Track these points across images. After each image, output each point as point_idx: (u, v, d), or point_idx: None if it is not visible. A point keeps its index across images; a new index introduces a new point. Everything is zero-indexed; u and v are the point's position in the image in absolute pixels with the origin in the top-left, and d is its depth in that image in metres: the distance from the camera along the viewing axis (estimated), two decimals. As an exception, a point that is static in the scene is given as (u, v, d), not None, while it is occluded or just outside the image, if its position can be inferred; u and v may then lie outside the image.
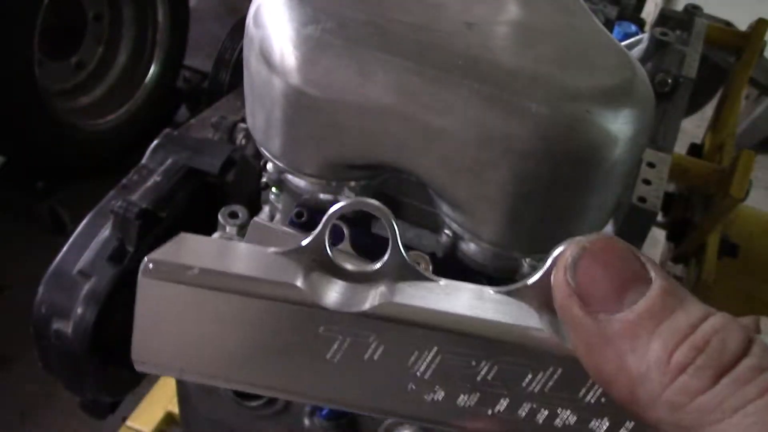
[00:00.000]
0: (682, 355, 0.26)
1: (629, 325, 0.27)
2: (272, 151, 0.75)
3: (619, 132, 0.63)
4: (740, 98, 1.43)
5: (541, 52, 0.65)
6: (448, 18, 0.67)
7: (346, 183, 0.76)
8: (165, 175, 0.99)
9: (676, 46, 1.15)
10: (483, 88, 0.63)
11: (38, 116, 2.11)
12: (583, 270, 0.29)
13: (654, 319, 0.27)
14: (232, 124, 1.12)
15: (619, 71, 0.66)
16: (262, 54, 0.69)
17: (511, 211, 0.67)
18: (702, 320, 0.27)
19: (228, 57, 2.17)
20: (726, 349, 0.26)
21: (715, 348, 0.26)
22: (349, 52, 0.65)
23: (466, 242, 0.75)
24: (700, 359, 0.26)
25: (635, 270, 0.28)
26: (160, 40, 2.51)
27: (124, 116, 2.45)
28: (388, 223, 0.32)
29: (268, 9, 0.69)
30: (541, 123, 0.62)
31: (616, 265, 0.28)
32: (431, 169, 0.69)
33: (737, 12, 1.70)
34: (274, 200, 0.90)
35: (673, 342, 0.26)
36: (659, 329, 0.27)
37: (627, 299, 0.28)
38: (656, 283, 0.28)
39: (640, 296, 0.27)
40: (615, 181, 0.68)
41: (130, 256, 0.91)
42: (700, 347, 0.26)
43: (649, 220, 0.86)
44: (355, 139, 0.69)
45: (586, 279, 0.28)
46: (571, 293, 0.28)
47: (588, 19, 0.71)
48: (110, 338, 0.90)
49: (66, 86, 2.36)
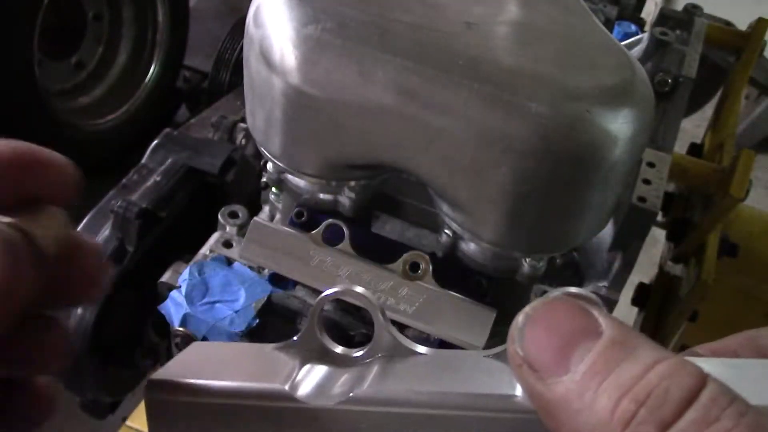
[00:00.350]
0: (623, 409, 0.25)
1: (575, 385, 0.26)
2: (272, 151, 0.75)
3: (619, 132, 0.63)
4: (740, 98, 1.43)
5: (541, 52, 0.65)
6: (448, 18, 0.67)
7: (346, 183, 0.76)
8: (165, 175, 0.99)
9: (676, 46, 1.15)
10: (483, 88, 0.63)
11: (38, 116, 2.11)
12: (528, 337, 0.29)
13: (599, 374, 0.26)
14: (232, 124, 1.12)
15: (619, 71, 0.66)
16: (262, 54, 0.69)
17: (511, 210, 0.67)
18: (649, 369, 0.26)
19: (228, 57, 2.17)
20: (669, 400, 0.25)
21: (657, 399, 0.25)
22: (349, 52, 0.65)
23: (466, 242, 0.75)
24: (642, 413, 0.25)
25: (582, 326, 0.28)
26: (160, 40, 2.51)
27: (124, 116, 2.45)
28: (373, 311, 0.33)
29: (268, 9, 0.69)
30: (541, 123, 0.62)
31: (559, 326, 0.28)
32: (431, 168, 0.69)
33: (737, 12, 1.70)
34: (274, 200, 0.90)
35: (617, 396, 0.25)
36: (603, 385, 0.26)
37: (574, 358, 0.27)
38: (605, 335, 0.27)
39: (587, 353, 0.27)
40: (615, 180, 0.68)
41: (130, 256, 0.91)
42: (641, 399, 0.25)
43: (649, 220, 0.87)
44: (355, 138, 0.69)
45: (532, 345, 0.28)
46: (521, 362, 0.28)
47: (588, 19, 0.71)
48: (110, 338, 0.90)
49: (66, 86, 2.35)
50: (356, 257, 0.75)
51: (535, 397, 0.28)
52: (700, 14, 1.33)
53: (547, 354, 0.28)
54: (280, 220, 0.88)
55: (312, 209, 0.79)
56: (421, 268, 0.74)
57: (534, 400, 0.28)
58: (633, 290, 1.35)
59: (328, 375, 0.34)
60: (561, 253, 0.76)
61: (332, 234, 0.76)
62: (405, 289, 0.73)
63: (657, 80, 1.07)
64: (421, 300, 0.73)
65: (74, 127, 2.29)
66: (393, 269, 0.74)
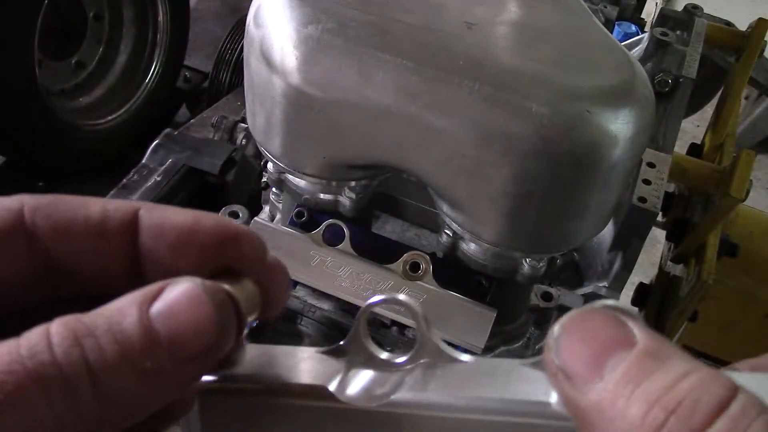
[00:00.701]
0: (654, 417, 0.25)
1: (608, 394, 0.27)
2: (272, 151, 0.75)
3: (618, 132, 0.64)
4: (740, 98, 1.43)
5: (541, 53, 0.65)
6: (449, 18, 0.67)
7: (346, 183, 0.76)
8: (165, 175, 0.99)
9: (676, 46, 1.15)
10: (483, 88, 0.63)
11: (38, 116, 2.11)
12: (563, 346, 0.29)
13: (631, 383, 0.27)
14: (232, 124, 1.12)
15: (619, 71, 0.66)
16: (262, 54, 0.69)
17: (511, 210, 0.67)
18: (681, 379, 0.26)
19: (228, 57, 2.17)
20: (698, 410, 0.25)
21: (687, 408, 0.25)
22: (350, 52, 0.65)
23: (466, 242, 0.75)
24: (671, 421, 0.25)
25: (617, 336, 0.28)
26: (160, 40, 2.51)
27: (124, 116, 2.45)
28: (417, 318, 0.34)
29: (268, 9, 0.69)
30: (541, 123, 0.62)
31: (594, 335, 0.29)
32: (431, 169, 0.69)
33: (737, 12, 1.70)
34: (274, 200, 0.90)
35: (647, 404, 0.26)
36: (635, 393, 0.26)
37: (608, 367, 0.28)
38: (639, 345, 0.28)
39: (621, 362, 0.27)
40: (615, 180, 0.68)
41: (130, 256, 0.90)
42: (671, 408, 0.25)
43: (649, 220, 0.87)
44: (356, 139, 0.69)
45: (567, 354, 0.29)
46: (556, 371, 0.29)
47: (588, 19, 0.71)
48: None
49: (66, 86, 2.35)
50: (356, 257, 0.75)
51: (570, 404, 0.29)
52: (700, 14, 1.33)
53: (581, 362, 0.28)
54: (281, 220, 0.88)
55: (312, 209, 0.79)
56: (421, 268, 0.74)
57: (568, 407, 0.29)
58: (633, 290, 1.35)
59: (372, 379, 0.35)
60: (561, 253, 0.77)
61: (332, 234, 0.76)
62: (405, 289, 0.74)
63: (657, 80, 1.07)
64: (421, 300, 0.73)
65: (74, 127, 2.29)
66: (393, 269, 0.74)
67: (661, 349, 0.28)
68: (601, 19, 1.32)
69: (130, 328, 0.26)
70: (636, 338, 0.28)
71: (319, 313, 0.81)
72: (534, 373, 0.33)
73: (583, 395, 0.28)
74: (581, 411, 0.28)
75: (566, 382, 0.29)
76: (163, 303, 0.27)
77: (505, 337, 0.83)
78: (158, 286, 0.28)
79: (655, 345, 0.28)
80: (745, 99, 2.96)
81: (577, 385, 0.28)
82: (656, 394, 0.26)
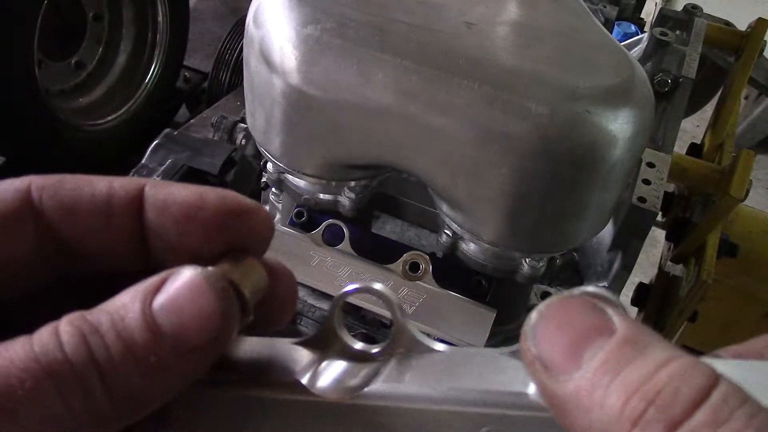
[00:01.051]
0: (633, 407, 0.25)
1: (586, 383, 0.26)
2: (272, 151, 0.75)
3: (618, 132, 0.64)
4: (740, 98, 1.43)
5: (541, 52, 0.65)
6: (449, 18, 0.67)
7: (346, 183, 0.76)
8: (165, 175, 0.99)
9: (676, 46, 1.15)
10: (483, 88, 0.63)
11: (38, 116, 2.11)
12: (541, 334, 0.28)
13: (609, 372, 0.26)
14: (232, 124, 1.12)
15: (618, 71, 0.66)
16: (262, 54, 0.69)
17: (511, 211, 0.67)
18: (660, 367, 0.26)
19: (228, 57, 2.17)
20: (678, 399, 0.24)
21: (667, 398, 0.25)
22: (349, 53, 0.65)
23: (466, 242, 0.75)
24: (651, 411, 0.25)
25: (595, 324, 0.27)
26: (160, 40, 2.51)
27: (124, 116, 2.46)
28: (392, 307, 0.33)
29: (268, 9, 0.69)
30: (541, 123, 0.62)
31: (572, 323, 0.28)
32: (431, 169, 0.69)
33: (737, 12, 1.70)
34: (273, 200, 0.90)
35: (626, 394, 0.25)
36: (614, 383, 0.26)
37: (586, 356, 0.27)
38: (618, 333, 0.27)
39: (599, 351, 0.27)
40: (615, 180, 0.68)
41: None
42: (650, 398, 0.25)
43: (649, 220, 0.87)
44: (355, 139, 0.69)
45: (544, 342, 0.28)
46: (533, 359, 0.28)
47: (588, 20, 0.71)
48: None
49: (66, 86, 2.36)
50: (356, 257, 0.75)
51: (547, 394, 0.28)
52: (699, 14, 1.33)
53: (558, 351, 0.28)
54: (280, 220, 0.88)
55: (312, 209, 0.79)
56: (421, 268, 0.74)
57: (546, 397, 0.28)
58: (633, 290, 1.35)
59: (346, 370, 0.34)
60: (561, 253, 0.77)
61: (332, 234, 0.76)
62: (405, 289, 0.74)
63: (657, 80, 1.07)
64: (421, 300, 0.73)
65: (74, 127, 2.29)
66: (393, 269, 0.74)
67: (641, 337, 0.27)
68: (601, 19, 1.32)
69: (133, 324, 0.27)
70: (615, 326, 0.27)
71: (318, 313, 0.81)
72: (511, 362, 0.32)
73: (560, 385, 0.27)
74: (559, 401, 0.27)
75: (543, 372, 0.28)
76: (165, 296, 0.27)
77: (504, 337, 0.83)
78: (160, 278, 0.28)
79: (634, 333, 0.27)
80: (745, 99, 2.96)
81: (554, 374, 0.27)
82: (635, 384, 0.25)
